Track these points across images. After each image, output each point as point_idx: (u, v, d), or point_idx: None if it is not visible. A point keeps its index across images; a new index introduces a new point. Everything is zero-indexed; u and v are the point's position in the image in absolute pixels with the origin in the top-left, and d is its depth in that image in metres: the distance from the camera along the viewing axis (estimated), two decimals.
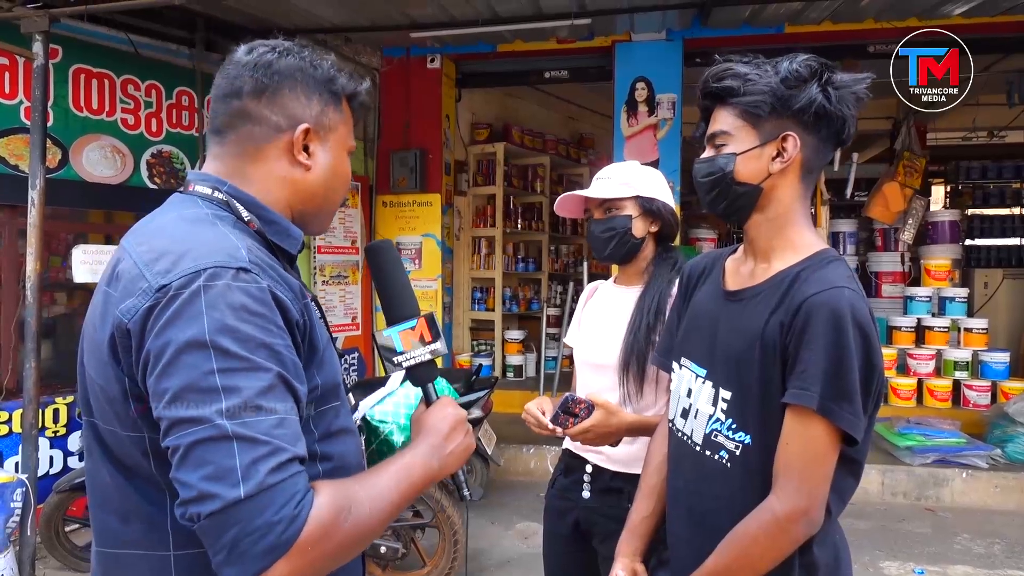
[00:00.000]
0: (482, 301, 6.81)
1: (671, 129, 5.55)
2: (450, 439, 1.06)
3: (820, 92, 1.17)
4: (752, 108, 1.19)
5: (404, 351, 1.10)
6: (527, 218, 7.23)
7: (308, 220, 1.14)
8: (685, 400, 1.33)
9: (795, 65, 1.18)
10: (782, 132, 1.20)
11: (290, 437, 0.86)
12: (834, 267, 1.19)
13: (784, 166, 1.21)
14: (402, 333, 1.10)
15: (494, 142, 6.75)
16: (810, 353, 1.10)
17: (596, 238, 1.80)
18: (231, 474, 0.81)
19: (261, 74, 1.06)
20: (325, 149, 1.10)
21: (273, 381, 0.87)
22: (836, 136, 1.22)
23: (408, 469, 0.99)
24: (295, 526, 0.82)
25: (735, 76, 1.21)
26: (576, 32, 5.49)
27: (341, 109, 1.12)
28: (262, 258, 0.98)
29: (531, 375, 6.75)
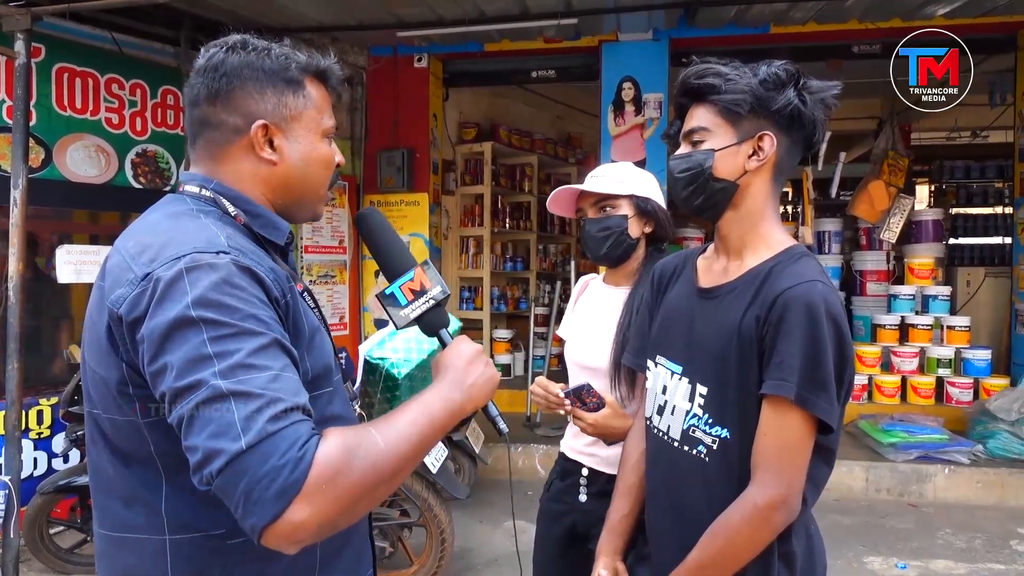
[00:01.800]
0: (470, 300, 6.82)
1: (658, 129, 5.57)
2: (469, 371, 1.05)
3: (796, 95, 1.21)
4: (732, 106, 1.22)
5: (408, 303, 1.11)
6: (515, 217, 7.24)
7: (292, 210, 1.15)
8: (661, 397, 1.36)
9: (774, 69, 1.22)
10: (759, 131, 1.23)
11: (288, 390, 0.88)
12: (805, 262, 1.22)
13: (760, 164, 1.24)
14: (403, 287, 1.11)
15: (482, 141, 6.76)
16: (787, 345, 1.13)
17: (591, 237, 1.78)
18: (231, 428, 0.82)
19: (211, 78, 1.07)
20: (292, 139, 1.10)
21: (265, 342, 0.89)
22: (807, 140, 1.26)
23: (427, 405, 0.99)
24: (301, 467, 0.82)
25: (716, 75, 1.24)
26: (563, 32, 5.50)
27: (305, 94, 1.10)
28: (244, 245, 1.00)
29: (519, 374, 6.76)
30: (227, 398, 0.84)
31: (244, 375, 0.86)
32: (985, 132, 8.63)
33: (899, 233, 6.13)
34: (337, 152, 1.18)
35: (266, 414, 0.84)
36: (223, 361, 0.86)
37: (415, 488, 3.16)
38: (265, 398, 0.85)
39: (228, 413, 0.84)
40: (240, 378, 0.85)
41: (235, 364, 0.86)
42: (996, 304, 6.38)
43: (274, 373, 0.88)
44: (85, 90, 4.32)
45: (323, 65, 1.13)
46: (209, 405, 0.84)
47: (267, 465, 0.82)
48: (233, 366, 0.86)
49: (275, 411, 0.85)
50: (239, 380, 0.85)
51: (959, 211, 8.34)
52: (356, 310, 5.90)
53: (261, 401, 0.85)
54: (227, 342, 0.87)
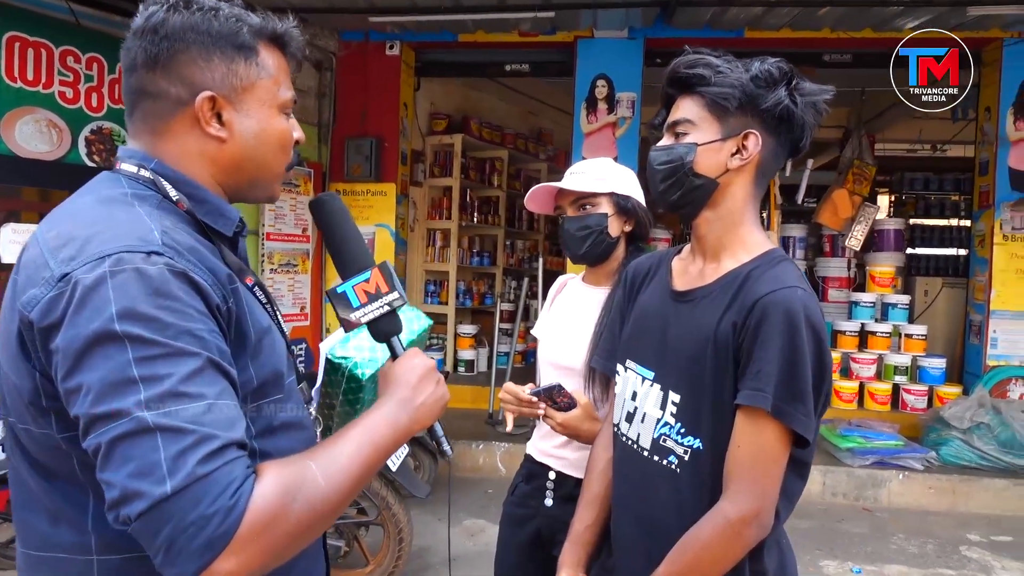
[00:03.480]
0: (435, 294, 6.73)
1: (630, 128, 5.56)
2: (419, 389, 0.98)
3: (788, 96, 1.16)
4: (720, 99, 1.17)
5: (360, 305, 1.02)
6: (483, 212, 7.17)
7: (245, 191, 1.05)
8: (630, 403, 1.30)
9: (767, 66, 1.17)
10: (745, 129, 1.19)
11: (222, 423, 0.79)
12: (784, 267, 1.18)
13: (743, 163, 1.20)
14: (357, 287, 1.03)
15: (452, 133, 6.67)
16: (764, 353, 1.09)
17: (571, 236, 1.73)
18: (156, 469, 0.74)
19: (149, 41, 0.95)
20: (244, 113, 0.98)
21: (199, 365, 0.80)
22: (793, 143, 1.22)
23: (371, 431, 0.91)
24: (233, 517, 0.75)
25: (707, 65, 1.19)
26: (539, 25, 5.44)
27: (258, 62, 0.99)
28: (180, 240, 0.89)
29: (483, 370, 6.70)
30: (153, 433, 0.75)
31: (174, 405, 0.77)
32: (945, 146, 8.86)
33: (862, 241, 6.22)
34: (296, 128, 1.06)
35: (197, 454, 0.76)
36: (151, 388, 0.77)
37: (374, 486, 3.08)
38: (196, 435, 0.76)
39: (153, 451, 0.75)
40: (169, 409, 0.76)
41: (164, 392, 0.77)
42: (951, 314, 6.52)
43: (208, 403, 0.79)
44: (38, 61, 4.11)
45: (280, 29, 1.02)
46: (131, 439, 0.75)
47: (194, 513, 0.74)
48: (162, 395, 0.77)
49: (207, 450, 0.76)
50: (168, 412, 0.76)
51: (917, 222, 8.57)
52: (318, 300, 5.77)
53: (192, 438, 0.76)
54: (156, 364, 0.78)
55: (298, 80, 5.73)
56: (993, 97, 5.46)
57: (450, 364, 6.58)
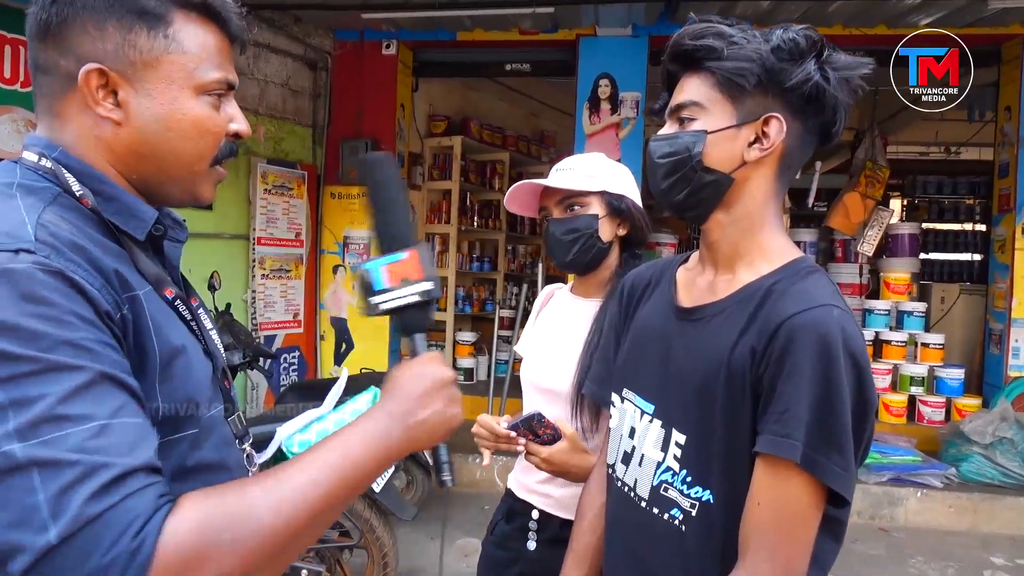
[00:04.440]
0: None
1: (634, 129, 5.35)
2: (424, 404, 0.81)
3: (818, 70, 0.94)
4: (735, 77, 0.96)
5: (385, 288, 0.86)
6: (484, 216, 6.98)
7: (158, 187, 0.89)
8: (627, 442, 1.09)
9: (791, 34, 0.95)
10: (766, 112, 0.97)
11: (118, 447, 0.65)
12: (815, 280, 0.96)
13: (763, 154, 0.98)
14: (387, 267, 0.87)
15: (451, 135, 6.48)
16: (792, 389, 0.86)
17: (556, 241, 1.52)
18: (35, 514, 0.62)
19: (41, 6, 0.81)
20: (144, 93, 0.83)
21: (84, 380, 0.67)
22: (824, 129, 1.00)
23: (347, 449, 0.75)
24: (138, 562, 0.61)
25: (718, 35, 0.97)
26: (539, 23, 5.25)
27: (168, 32, 0.83)
28: (61, 235, 0.74)
29: (482, 379, 6.49)
30: (27, 470, 0.62)
31: (51, 432, 0.63)
32: (958, 149, 8.63)
33: (875, 246, 5.99)
34: (236, 118, 0.90)
35: (84, 490, 0.62)
36: (20, 414, 0.63)
37: (356, 508, 2.88)
38: (82, 466, 0.63)
39: (29, 493, 0.62)
40: (45, 438, 0.63)
41: (38, 417, 0.63)
42: (969, 322, 6.28)
43: (98, 424, 0.65)
44: (16, 58, 3.95)
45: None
46: (2, 479, 0.62)
47: (88, 564, 0.61)
48: (35, 420, 0.63)
49: (98, 483, 0.63)
50: (43, 441, 0.63)
51: (930, 226, 8.31)
52: (312, 307, 5.59)
53: (76, 471, 0.62)
54: (26, 384, 0.64)
55: (292, 80, 5.57)
56: (1014, 95, 5.23)
57: None
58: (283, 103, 5.39)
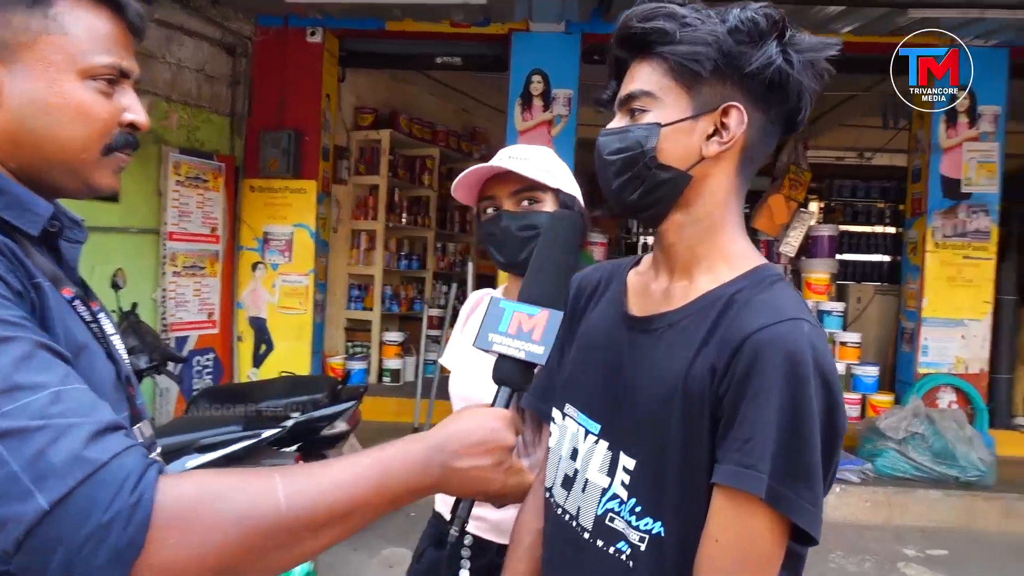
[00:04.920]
0: (359, 299, 6.33)
1: (566, 127, 5.31)
2: (473, 454, 0.80)
3: (780, 53, 0.85)
4: (689, 63, 0.86)
5: (505, 332, 0.89)
6: (413, 212, 6.81)
7: (45, 177, 0.83)
8: (568, 464, 0.98)
9: (749, 13, 0.85)
10: (724, 102, 0.87)
11: (78, 410, 0.64)
12: (781, 290, 0.87)
13: (723, 148, 0.88)
14: (518, 314, 0.90)
15: (380, 129, 6.29)
16: (757, 414, 0.77)
17: (510, 236, 1.38)
18: (14, 485, 0.60)
19: None
20: (19, 74, 0.79)
21: (26, 350, 0.66)
22: (788, 118, 0.90)
23: (384, 463, 0.75)
24: (138, 518, 0.61)
25: (669, 16, 0.87)
26: (471, 15, 5.13)
27: (50, 13, 0.80)
28: None
29: (409, 379, 6.33)
30: None
31: (7, 404, 0.62)
32: (870, 154, 9.03)
33: (797, 248, 6.16)
34: (132, 108, 0.86)
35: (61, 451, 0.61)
36: None
37: None
38: (50, 430, 0.62)
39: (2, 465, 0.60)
40: (3, 410, 0.62)
41: None
42: (883, 321, 6.54)
43: (52, 391, 0.64)
44: None
45: None
46: None
47: (89, 524, 0.60)
48: None
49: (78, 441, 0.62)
50: (2, 413, 0.62)
51: (845, 228, 8.70)
52: (229, 306, 5.29)
53: (46, 436, 0.61)
54: None
55: (208, 65, 5.25)
56: (927, 103, 5.44)
57: (374, 374, 6.19)
58: (198, 89, 5.08)
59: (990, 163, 5.40)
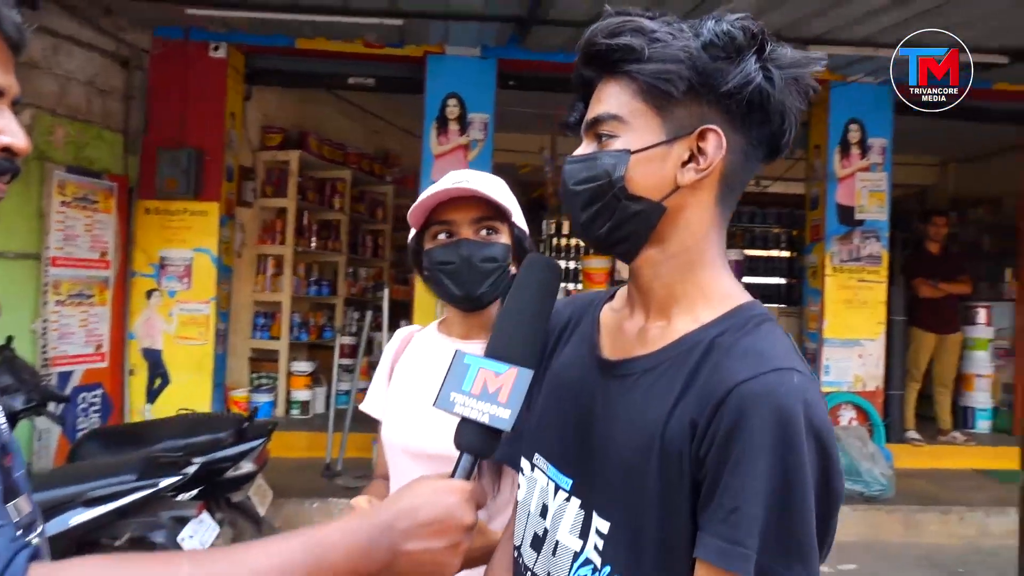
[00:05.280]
0: (265, 328, 6.00)
1: (482, 151, 5.26)
2: (425, 535, 0.72)
3: (760, 70, 0.77)
4: (660, 83, 0.78)
5: (467, 392, 0.80)
6: (323, 236, 6.56)
7: None
8: (538, 521, 0.88)
9: (725, 26, 0.77)
10: (700, 124, 0.79)
11: None
12: (768, 332, 0.78)
13: (700, 176, 0.80)
14: (484, 371, 0.81)
15: (288, 149, 6.04)
16: (743, 481, 0.69)
17: (472, 267, 1.26)
18: None
19: None
20: None
21: None
22: (772, 140, 0.82)
23: (320, 547, 0.67)
24: None
25: (637, 31, 0.79)
26: (386, 36, 5.03)
27: None
28: None
29: (319, 411, 6.04)
30: None
31: None
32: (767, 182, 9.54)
33: None
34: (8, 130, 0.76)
35: None
36: None
37: None
38: None
39: None
40: None
41: None
42: None
43: None
44: None
45: None
46: None
47: None
48: None
49: None
50: None
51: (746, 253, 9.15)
52: (119, 338, 4.88)
53: None
54: None
55: (99, 78, 4.88)
56: (822, 135, 5.75)
57: (281, 407, 5.87)
58: (88, 104, 4.70)
59: (880, 192, 5.75)
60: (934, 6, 4.19)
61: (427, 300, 5.05)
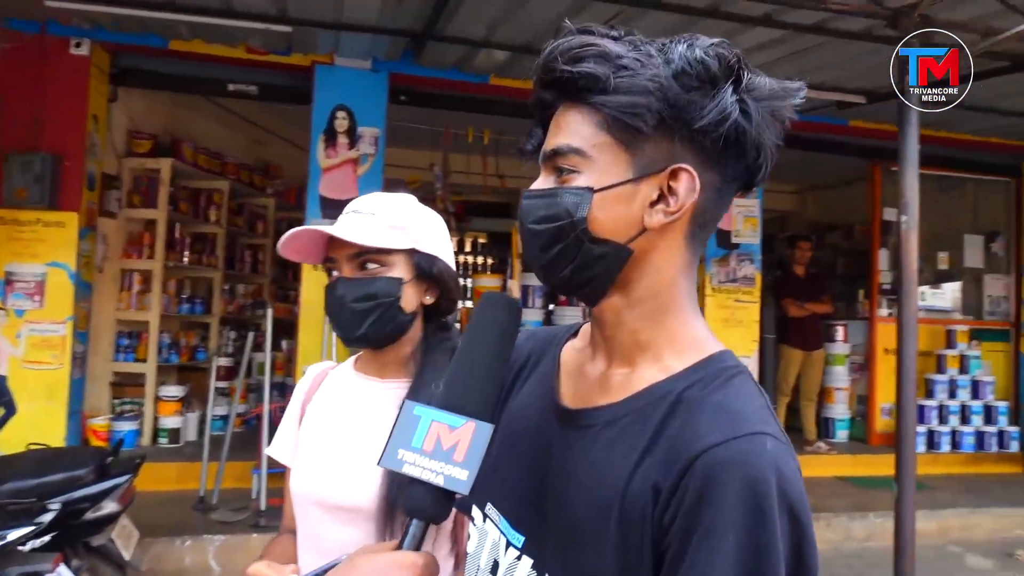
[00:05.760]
0: (130, 349, 5.51)
1: (373, 167, 5.12)
2: None
3: (737, 104, 0.71)
4: (628, 117, 0.70)
5: (419, 450, 0.71)
6: (197, 251, 6.13)
7: None
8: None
9: (699, 53, 0.71)
10: (671, 162, 0.72)
11: None
12: (740, 388, 0.71)
13: (671, 219, 0.73)
14: (436, 424, 0.72)
15: (158, 157, 5.61)
16: (711, 558, 0.62)
17: (345, 308, 1.17)
18: None
19: None
20: None
21: None
22: (746, 176, 0.76)
23: None
24: None
25: (601, 58, 0.71)
26: (271, 42, 4.80)
27: None
28: None
29: (191, 439, 5.60)
30: None
31: None
32: None
33: None
34: None
35: None
36: None
37: None
38: None
39: None
40: None
41: None
42: None
43: None
44: None
45: None
46: None
47: None
48: None
49: None
50: None
51: None
52: None
53: None
54: None
55: None
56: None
57: (148, 435, 5.39)
58: None
59: (753, 217, 6.11)
60: (801, 48, 4.51)
61: (313, 319, 4.82)
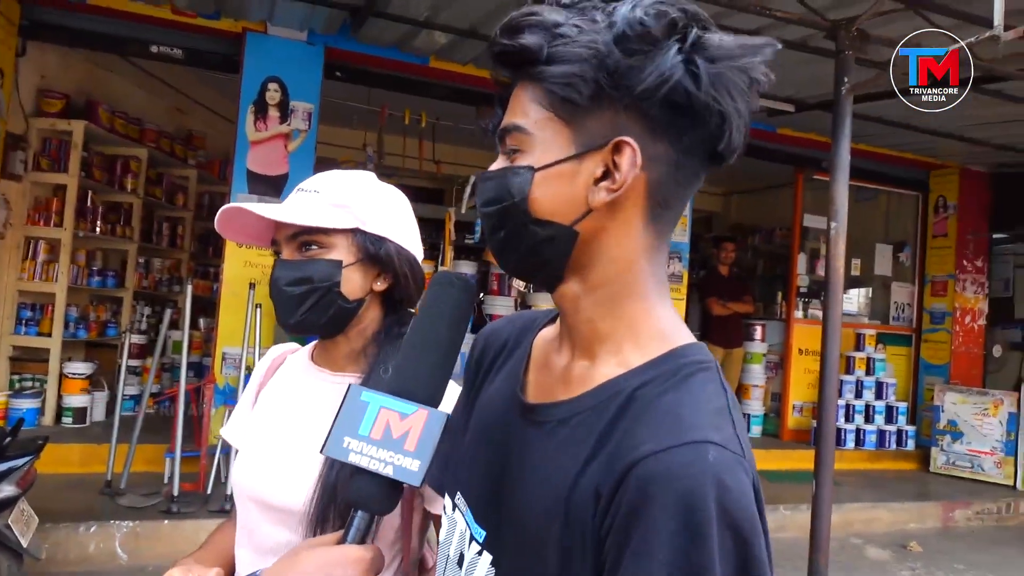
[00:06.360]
0: (33, 322, 5.17)
1: (305, 142, 4.95)
2: None
3: (683, 64, 0.64)
4: (563, 89, 0.66)
5: (366, 438, 0.67)
6: (110, 220, 5.80)
7: None
8: (455, 570, 0.77)
9: (639, 12, 0.64)
10: (614, 135, 0.66)
11: None
12: (697, 386, 0.66)
13: (614, 196, 0.67)
14: (385, 411, 0.68)
15: (71, 119, 5.25)
16: (639, 572, 0.58)
17: (279, 292, 1.08)
18: None
19: None
20: None
21: None
22: (709, 143, 0.68)
23: None
24: None
25: (538, 27, 0.66)
26: (199, 4, 4.56)
27: None
28: None
29: (99, 419, 5.31)
30: None
31: None
32: None
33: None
34: None
35: None
36: None
37: None
38: None
39: None
40: None
41: None
42: None
43: None
44: None
45: None
46: None
47: None
48: None
49: None
50: None
51: None
52: None
53: None
54: None
55: None
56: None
57: (51, 414, 5.08)
58: None
59: (682, 216, 6.24)
60: None
61: (235, 298, 4.63)
